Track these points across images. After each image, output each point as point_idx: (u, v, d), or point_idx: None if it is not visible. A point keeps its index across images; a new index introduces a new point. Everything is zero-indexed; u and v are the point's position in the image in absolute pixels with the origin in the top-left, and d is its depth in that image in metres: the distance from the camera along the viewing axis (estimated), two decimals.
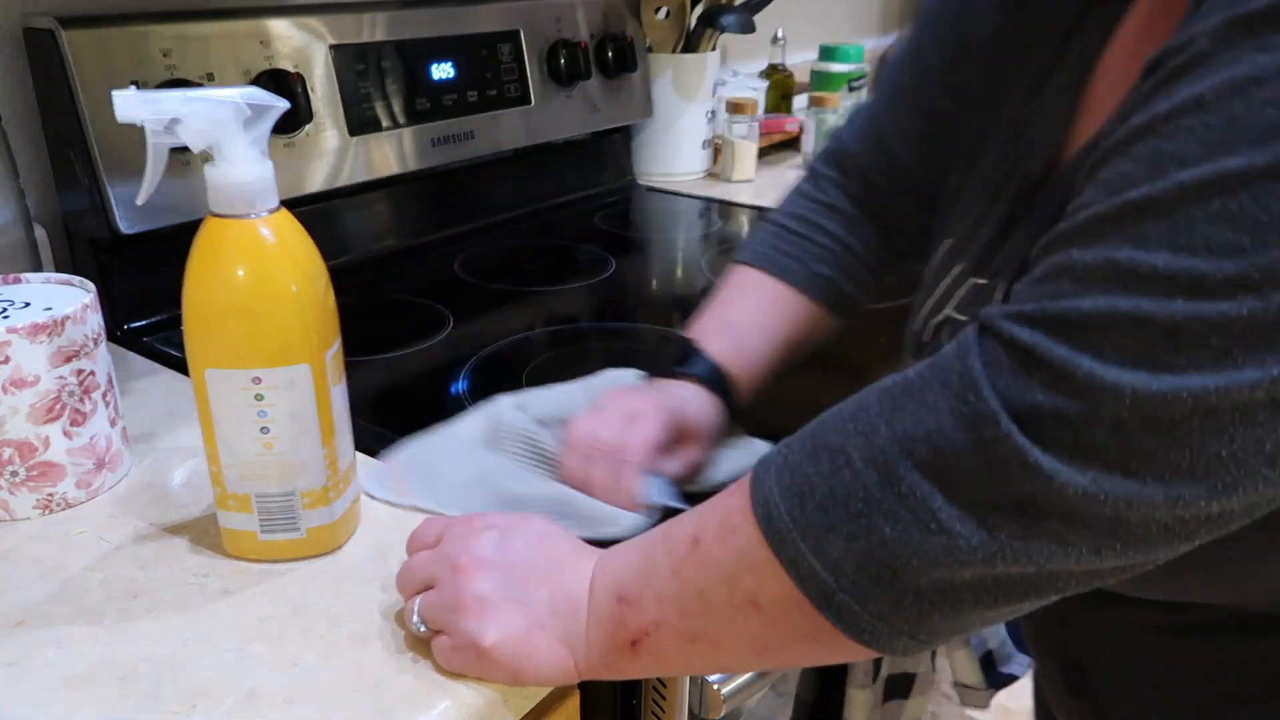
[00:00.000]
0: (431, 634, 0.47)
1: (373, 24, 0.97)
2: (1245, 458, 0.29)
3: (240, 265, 0.48)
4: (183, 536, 0.57)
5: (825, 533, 0.36)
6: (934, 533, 0.33)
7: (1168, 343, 0.29)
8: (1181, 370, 0.29)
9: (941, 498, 0.33)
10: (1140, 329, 0.29)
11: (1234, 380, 0.29)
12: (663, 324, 0.90)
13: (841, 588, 0.36)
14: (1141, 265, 0.30)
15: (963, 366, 0.33)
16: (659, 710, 0.58)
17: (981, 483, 0.32)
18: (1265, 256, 0.28)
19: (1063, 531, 0.32)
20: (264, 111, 0.48)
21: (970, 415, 0.32)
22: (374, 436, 0.68)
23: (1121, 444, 0.30)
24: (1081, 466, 0.30)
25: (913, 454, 0.34)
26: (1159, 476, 0.30)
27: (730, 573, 0.40)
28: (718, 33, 1.31)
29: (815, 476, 0.36)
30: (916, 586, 0.35)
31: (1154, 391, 0.29)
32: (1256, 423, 0.29)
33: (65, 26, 0.76)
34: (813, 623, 0.37)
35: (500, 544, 0.47)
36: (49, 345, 0.56)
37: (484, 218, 1.17)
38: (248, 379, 0.49)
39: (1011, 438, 0.31)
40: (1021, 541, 0.32)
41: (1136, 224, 0.30)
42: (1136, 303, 0.30)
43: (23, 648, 0.48)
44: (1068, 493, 0.31)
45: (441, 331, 0.87)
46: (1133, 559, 0.32)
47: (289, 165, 0.91)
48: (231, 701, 0.45)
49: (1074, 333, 0.31)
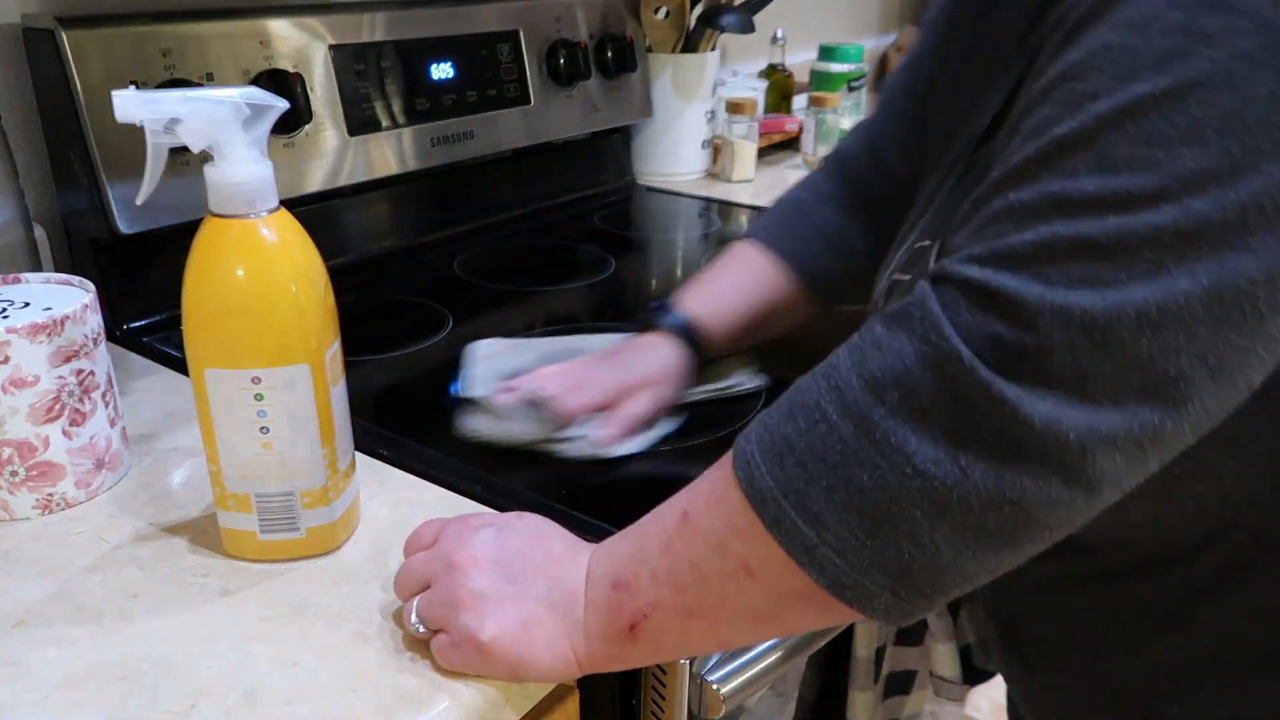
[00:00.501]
0: (430, 634, 0.47)
1: (372, 24, 0.97)
2: (1191, 373, 0.31)
3: (240, 265, 0.48)
4: (182, 536, 0.57)
5: (805, 487, 0.36)
6: (909, 477, 0.34)
7: (1106, 260, 0.31)
8: (1122, 285, 0.31)
9: (915, 441, 0.34)
10: (1080, 250, 0.32)
11: (1170, 291, 0.30)
12: None
13: (823, 541, 0.36)
14: (1074, 193, 0.32)
15: (923, 311, 0.35)
16: (658, 710, 0.58)
17: (952, 421, 0.33)
18: (1177, 166, 0.30)
19: (1032, 465, 0.32)
20: (263, 111, 0.48)
21: (934, 355, 0.34)
22: (374, 436, 0.68)
23: (1076, 369, 0.31)
24: (1042, 393, 0.32)
25: (885, 401, 0.35)
26: (1114, 399, 0.31)
27: (720, 540, 0.40)
28: (717, 33, 1.31)
29: (794, 435, 0.37)
30: (896, 537, 0.35)
31: (1099, 310, 0.31)
32: (1196, 336, 0.31)
33: (65, 26, 0.76)
34: (802, 582, 0.38)
35: (496, 541, 0.48)
36: (48, 345, 0.56)
37: (484, 218, 1.17)
38: (247, 379, 0.50)
39: (975, 371, 0.32)
40: (994, 479, 0.33)
41: (1064, 158, 0.33)
42: (1074, 227, 0.32)
43: (22, 648, 0.48)
44: (1032, 422, 0.32)
45: (441, 331, 0.87)
46: (1098, 494, 0.33)
47: (289, 165, 0.91)
48: (231, 701, 0.45)
49: (1021, 264, 0.33)
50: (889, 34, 2.11)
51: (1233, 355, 0.31)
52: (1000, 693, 0.84)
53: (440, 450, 0.66)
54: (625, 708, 0.59)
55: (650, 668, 0.58)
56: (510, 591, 0.46)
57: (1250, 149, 0.30)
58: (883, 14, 2.09)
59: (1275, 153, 0.30)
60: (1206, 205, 0.30)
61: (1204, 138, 0.30)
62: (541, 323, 0.89)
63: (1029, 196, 0.33)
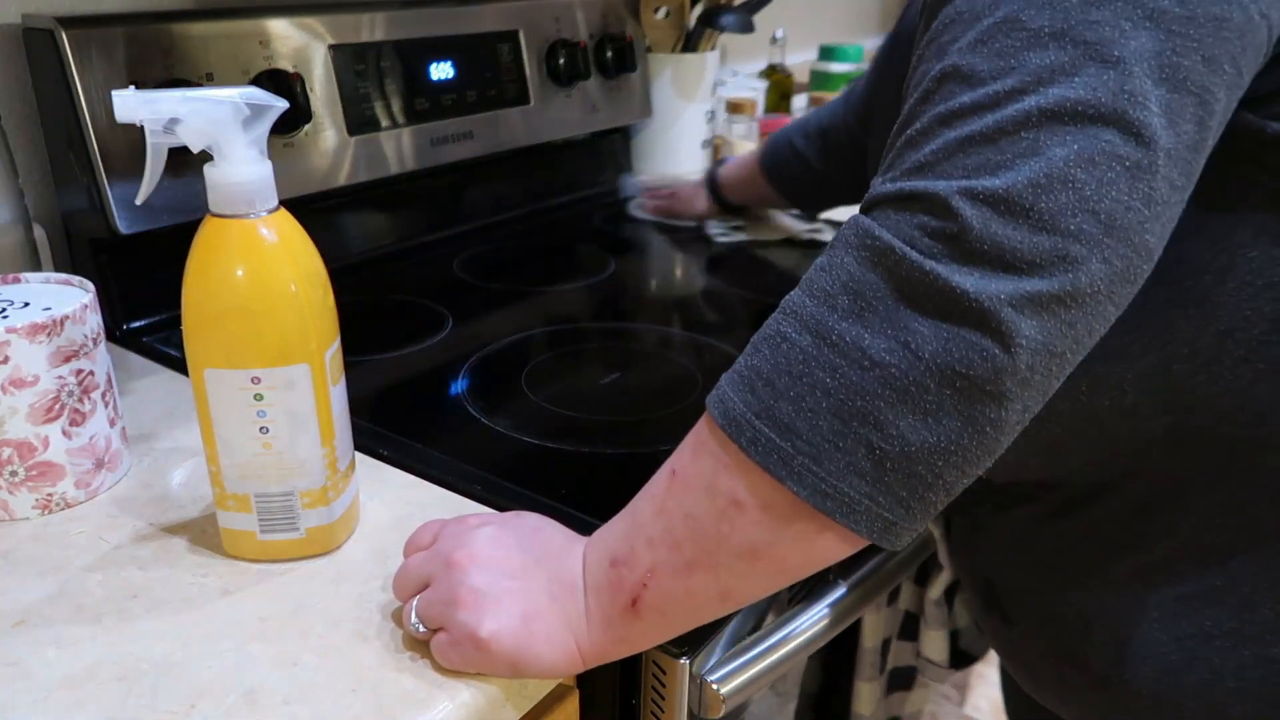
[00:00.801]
0: (430, 634, 0.47)
1: (372, 24, 0.97)
2: (1089, 229, 0.36)
3: (239, 265, 0.48)
4: (182, 536, 0.57)
5: (775, 402, 0.39)
6: (868, 369, 0.37)
7: (992, 147, 0.37)
8: (1012, 164, 0.36)
9: (868, 336, 0.37)
10: (971, 145, 0.37)
11: (1051, 159, 0.36)
12: (662, 324, 0.90)
13: (798, 450, 0.38)
14: (954, 107, 0.38)
15: (854, 227, 0.39)
16: (658, 710, 0.58)
17: (896, 310, 0.37)
18: (1026, 65, 0.37)
19: (971, 334, 0.36)
20: (263, 111, 0.48)
21: (872, 254, 0.38)
22: (374, 436, 0.68)
23: (993, 240, 0.36)
24: (969, 268, 0.36)
25: (836, 307, 0.38)
26: (1031, 263, 0.36)
27: (708, 481, 0.41)
28: (717, 33, 1.31)
29: (759, 363, 0.40)
30: (864, 433, 0.37)
31: (999, 186, 0.36)
32: (1084, 194, 0.36)
33: (65, 26, 0.76)
34: (788, 501, 0.39)
35: (494, 538, 0.48)
36: (48, 345, 0.56)
37: (483, 218, 1.17)
38: (247, 379, 0.50)
39: (908, 257, 0.37)
40: (941, 354, 0.36)
41: (939, 90, 0.39)
42: (960, 130, 0.38)
43: (22, 647, 0.48)
44: (965, 291, 0.36)
45: (441, 331, 0.87)
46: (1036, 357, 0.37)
47: (288, 165, 0.91)
48: (231, 701, 0.45)
49: (927, 170, 0.38)
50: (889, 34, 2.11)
51: (1119, 212, 0.36)
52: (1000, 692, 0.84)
53: (440, 450, 0.66)
54: (625, 708, 0.59)
55: (650, 668, 0.58)
56: (509, 587, 0.46)
57: (1080, 42, 0.37)
58: (883, 14, 2.09)
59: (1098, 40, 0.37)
60: (1059, 89, 0.36)
61: (1042, 43, 0.37)
62: (541, 323, 0.89)
63: (921, 125, 0.39)
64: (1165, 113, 0.36)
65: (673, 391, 0.76)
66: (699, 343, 0.85)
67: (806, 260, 1.08)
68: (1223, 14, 0.37)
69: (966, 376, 0.36)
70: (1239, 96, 0.39)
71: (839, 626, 0.67)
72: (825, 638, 0.66)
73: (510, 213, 1.20)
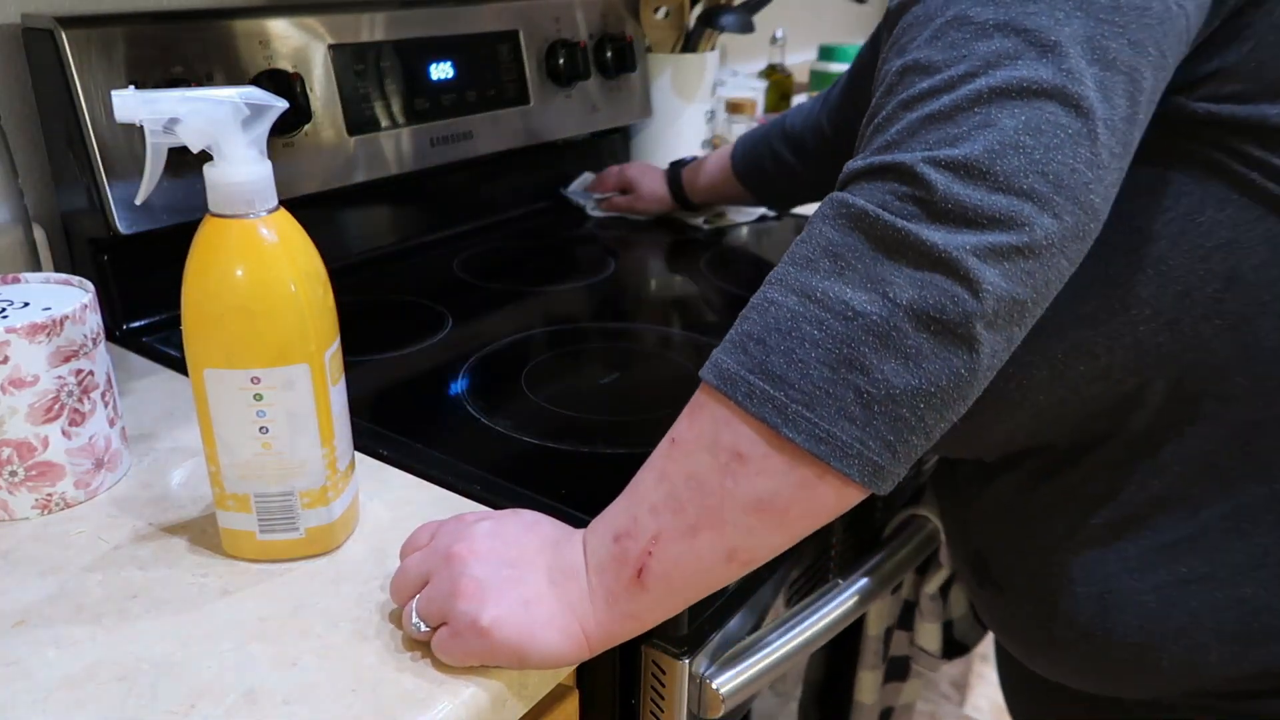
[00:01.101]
0: (431, 632, 0.47)
1: (372, 24, 0.97)
2: (1041, 188, 0.40)
3: (239, 265, 0.48)
4: (181, 536, 0.57)
5: (766, 358, 0.41)
6: (851, 319, 0.40)
7: (951, 123, 0.41)
8: (967, 138, 0.40)
9: (850, 291, 0.40)
10: (932, 123, 0.41)
11: (1002, 130, 0.40)
12: (662, 324, 0.90)
13: (792, 399, 0.41)
14: (914, 92, 0.42)
15: (831, 203, 0.43)
16: (658, 710, 0.58)
17: (874, 265, 0.40)
18: (975, 53, 0.41)
19: (943, 282, 0.39)
20: (263, 111, 0.48)
21: (849, 219, 0.41)
22: (374, 436, 0.68)
23: (956, 201, 0.39)
24: (936, 226, 0.40)
25: (819, 269, 0.42)
26: (992, 219, 0.39)
27: (710, 440, 0.43)
28: (717, 33, 1.30)
29: (750, 325, 0.43)
30: (852, 378, 0.40)
31: (959, 155, 0.40)
32: (1033, 158, 0.40)
33: (65, 26, 0.76)
34: (788, 450, 0.41)
35: (492, 531, 0.48)
36: (48, 345, 0.56)
37: (483, 218, 1.17)
38: (246, 379, 0.50)
39: (882, 218, 0.40)
40: (917, 302, 0.39)
41: (900, 80, 0.44)
42: (921, 111, 0.42)
43: (22, 648, 0.48)
44: (934, 243, 0.39)
45: (440, 331, 0.87)
46: (1002, 303, 0.40)
47: (288, 165, 0.91)
48: (230, 701, 0.45)
49: (894, 146, 0.42)
50: None
51: (1065, 174, 0.40)
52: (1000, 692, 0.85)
53: (440, 450, 0.66)
54: (625, 707, 0.60)
55: (650, 668, 0.58)
56: (509, 575, 0.46)
57: (1020, 30, 0.41)
58: (882, 14, 2.09)
59: (1036, 28, 0.41)
60: (1005, 70, 0.41)
61: (988, 33, 0.42)
62: (541, 323, 0.89)
63: (887, 111, 0.43)
64: (1099, 88, 0.41)
65: (672, 391, 0.76)
66: (699, 343, 0.85)
67: None
68: (1144, 4, 0.42)
69: (940, 320, 0.39)
70: (1166, 78, 0.44)
71: (839, 627, 0.67)
72: (825, 638, 0.66)
73: (510, 213, 1.20)
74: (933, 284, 0.39)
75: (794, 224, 1.21)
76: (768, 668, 0.60)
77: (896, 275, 0.40)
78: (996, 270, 0.39)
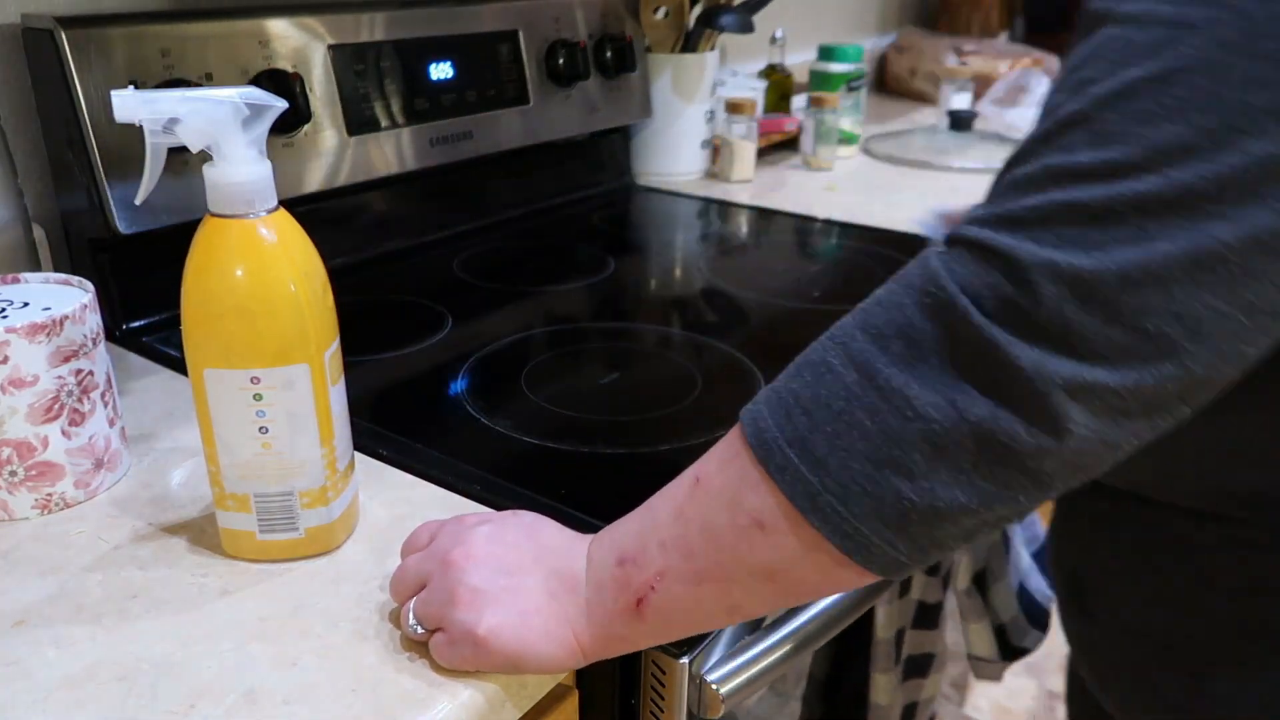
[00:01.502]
0: (428, 635, 0.47)
1: (371, 24, 0.97)
2: (1170, 332, 0.33)
3: (239, 265, 0.48)
4: (181, 536, 0.57)
5: (810, 434, 0.38)
6: (910, 419, 0.36)
7: (1094, 224, 0.34)
8: (1108, 246, 0.34)
9: (916, 385, 0.36)
10: (1072, 214, 0.35)
11: (1150, 253, 0.33)
12: (662, 324, 0.90)
13: (826, 488, 0.38)
14: (1069, 164, 0.35)
15: (924, 269, 0.37)
16: (658, 710, 0.58)
17: (949, 366, 0.36)
18: (1161, 140, 0.34)
19: (1021, 408, 0.34)
20: (262, 111, 0.48)
21: (934, 304, 0.36)
22: (373, 436, 0.68)
23: (1063, 321, 0.34)
24: (1030, 342, 0.34)
25: (888, 350, 0.37)
26: (1098, 353, 0.34)
27: (732, 497, 0.41)
28: (717, 33, 1.31)
29: (799, 389, 0.39)
30: (895, 482, 0.36)
31: (1086, 268, 0.34)
32: (1174, 296, 0.33)
33: (65, 26, 0.76)
34: (811, 536, 0.39)
35: (491, 536, 0.48)
36: (48, 345, 0.56)
37: (483, 218, 1.17)
38: (246, 379, 0.50)
39: (970, 317, 0.35)
40: (988, 420, 0.35)
41: (1062, 135, 0.36)
42: (1067, 194, 0.35)
43: (22, 648, 0.48)
44: (1021, 365, 0.34)
45: (440, 331, 0.87)
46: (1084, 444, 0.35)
47: (288, 165, 0.91)
48: (230, 701, 0.45)
49: (1018, 226, 0.35)
50: (889, 34, 2.11)
51: (1210, 318, 0.33)
52: (1000, 692, 0.84)
53: (440, 450, 0.66)
54: (625, 707, 0.59)
55: (650, 668, 0.58)
56: (506, 584, 0.46)
57: (1227, 126, 0.33)
58: (883, 14, 2.09)
59: (1250, 130, 0.33)
60: (1186, 175, 0.33)
61: (1186, 115, 0.34)
62: (541, 323, 0.89)
63: (1031, 169, 0.36)
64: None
65: (672, 391, 0.76)
66: (699, 343, 0.85)
67: (807, 261, 1.08)
68: None
69: (1008, 449, 0.35)
70: None
71: (839, 626, 0.67)
72: (825, 637, 0.66)
73: (510, 213, 1.20)
74: (1009, 408, 0.34)
75: (794, 224, 1.21)
76: (768, 667, 0.60)
77: (973, 388, 0.35)
78: (1086, 411, 0.34)
